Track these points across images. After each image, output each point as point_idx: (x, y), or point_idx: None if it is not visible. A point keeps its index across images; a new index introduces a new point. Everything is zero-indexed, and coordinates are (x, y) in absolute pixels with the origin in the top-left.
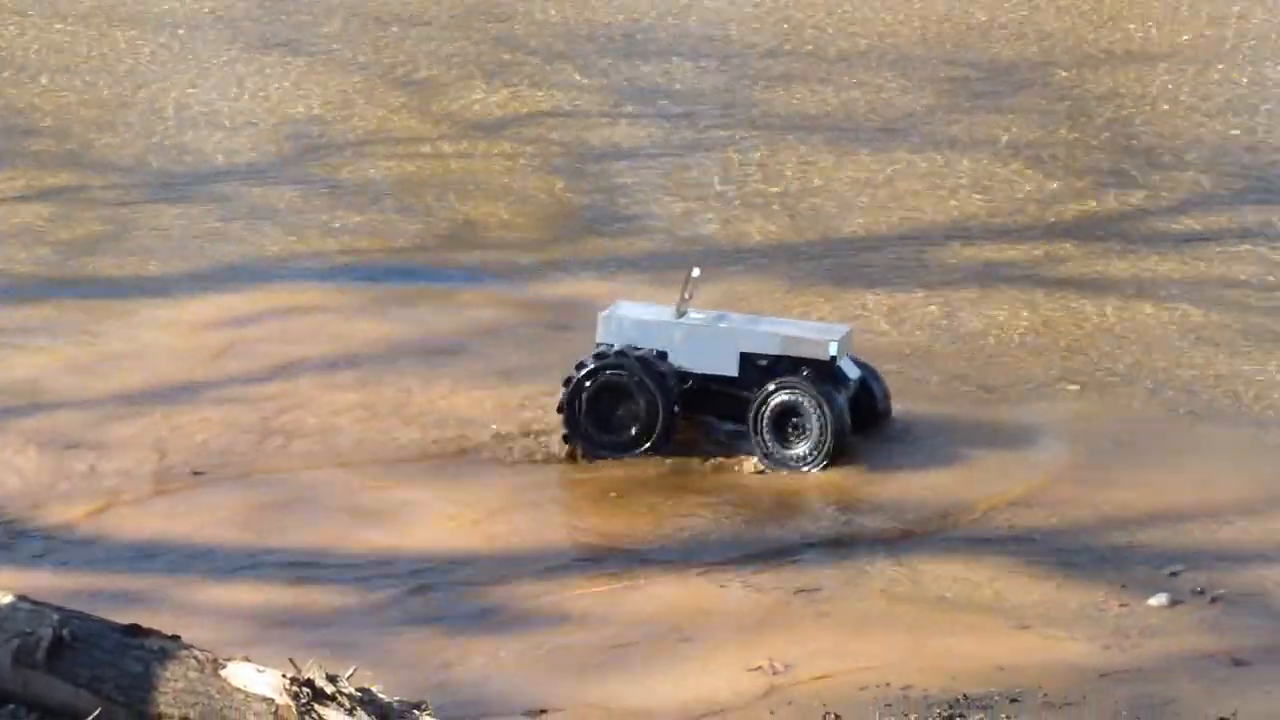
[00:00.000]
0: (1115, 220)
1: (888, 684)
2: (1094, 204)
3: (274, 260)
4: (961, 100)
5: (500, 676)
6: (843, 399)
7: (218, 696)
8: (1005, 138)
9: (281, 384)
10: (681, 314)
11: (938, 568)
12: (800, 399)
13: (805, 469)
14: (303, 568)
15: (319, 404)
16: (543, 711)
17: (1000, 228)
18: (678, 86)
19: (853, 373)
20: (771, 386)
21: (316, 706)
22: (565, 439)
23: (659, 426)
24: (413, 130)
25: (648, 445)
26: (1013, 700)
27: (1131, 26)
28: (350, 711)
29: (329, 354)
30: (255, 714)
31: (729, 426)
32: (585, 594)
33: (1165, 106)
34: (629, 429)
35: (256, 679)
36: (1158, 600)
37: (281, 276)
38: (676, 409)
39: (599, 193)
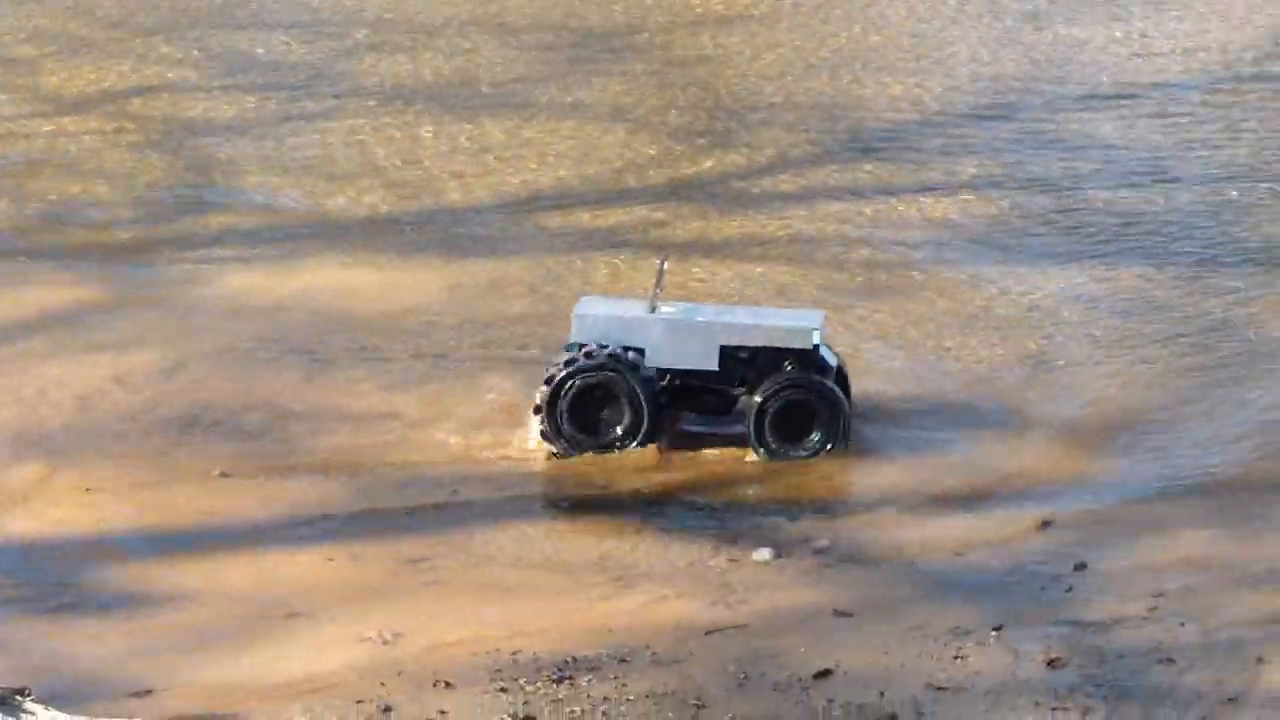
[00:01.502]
0: (714, 182)
1: (498, 649)
2: (692, 166)
3: None
4: (560, 67)
5: (105, 659)
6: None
7: None
8: (604, 103)
9: None
10: (653, 309)
11: (544, 532)
12: (803, 397)
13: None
14: None
15: None
16: (148, 692)
17: (602, 193)
18: (274, 58)
19: (831, 359)
20: (770, 389)
21: None
22: (543, 436)
23: (644, 425)
24: (2, 109)
25: (632, 444)
26: (621, 660)
27: None
28: None
29: None
30: None
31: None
32: (189, 571)
33: (759, 67)
34: (613, 428)
35: None
36: (762, 554)
37: None
38: (661, 405)
39: (195, 169)
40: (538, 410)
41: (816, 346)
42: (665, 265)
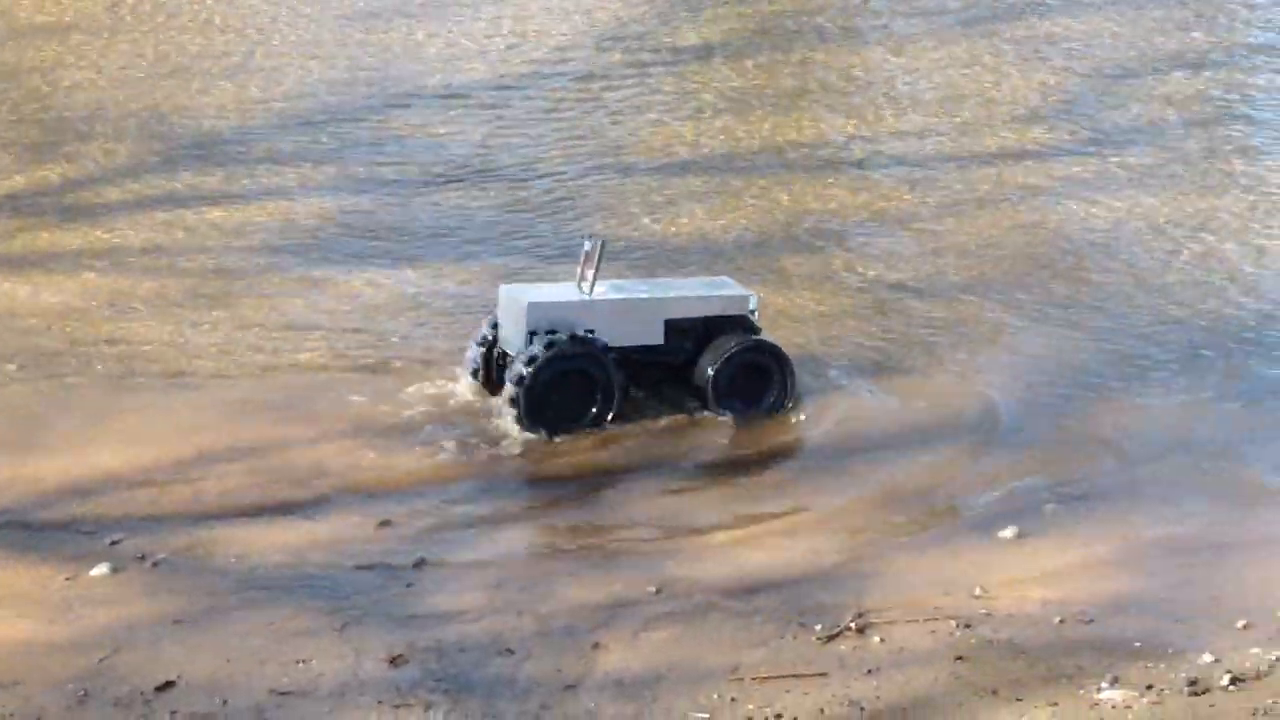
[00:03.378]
0: (42, 194)
1: None
2: (19, 178)
3: None
4: None
5: None
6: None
7: None
8: None
9: None
10: (585, 289)
11: None
12: (757, 358)
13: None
14: None
15: None
16: None
17: None
18: None
19: (758, 323)
20: (725, 351)
21: None
22: (520, 424)
23: (615, 403)
24: None
25: (605, 422)
26: None
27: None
28: None
29: None
30: None
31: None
32: None
33: (86, 76)
34: (588, 409)
35: None
36: (100, 570)
37: None
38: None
39: None
40: (513, 402)
41: (752, 312)
42: (601, 247)
